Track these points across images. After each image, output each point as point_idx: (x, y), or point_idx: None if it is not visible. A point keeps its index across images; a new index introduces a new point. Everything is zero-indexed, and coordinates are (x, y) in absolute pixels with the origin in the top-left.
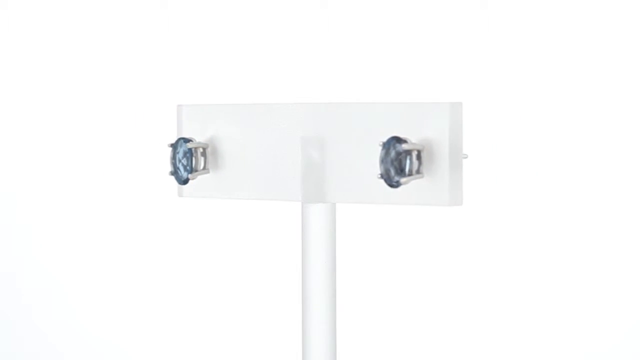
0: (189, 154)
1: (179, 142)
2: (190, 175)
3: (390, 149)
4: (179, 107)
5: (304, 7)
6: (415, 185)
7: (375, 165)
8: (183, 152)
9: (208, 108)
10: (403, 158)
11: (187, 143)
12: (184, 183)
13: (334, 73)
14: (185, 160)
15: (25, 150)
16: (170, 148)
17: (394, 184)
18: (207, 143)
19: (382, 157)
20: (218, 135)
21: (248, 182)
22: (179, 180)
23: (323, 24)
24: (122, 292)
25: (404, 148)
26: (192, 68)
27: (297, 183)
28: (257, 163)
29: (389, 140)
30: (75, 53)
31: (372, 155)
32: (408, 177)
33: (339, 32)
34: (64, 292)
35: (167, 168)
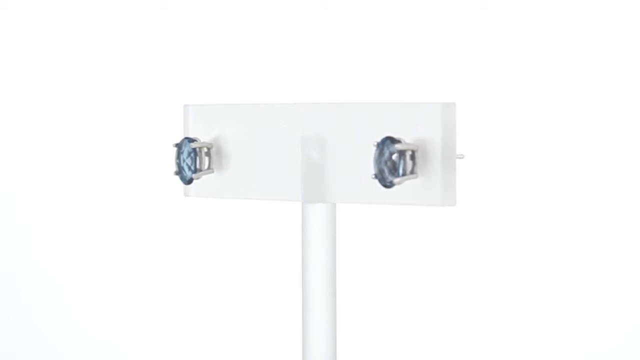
0: (193, 154)
1: (184, 141)
2: (194, 175)
3: (384, 149)
4: (186, 106)
5: (304, 7)
6: (410, 186)
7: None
8: (187, 152)
9: (214, 108)
10: (396, 158)
11: (191, 143)
12: (188, 183)
13: (334, 73)
14: (190, 160)
15: (28, 150)
16: (175, 148)
17: (388, 184)
18: (211, 143)
19: (376, 157)
20: (222, 135)
21: (250, 182)
22: (184, 180)
23: (323, 24)
24: (121, 291)
25: (397, 148)
26: (192, 68)
27: (297, 183)
28: (259, 163)
29: (383, 141)
30: (78, 53)
31: (371, 156)
32: (402, 177)
33: (339, 32)
34: (64, 292)
35: (173, 168)
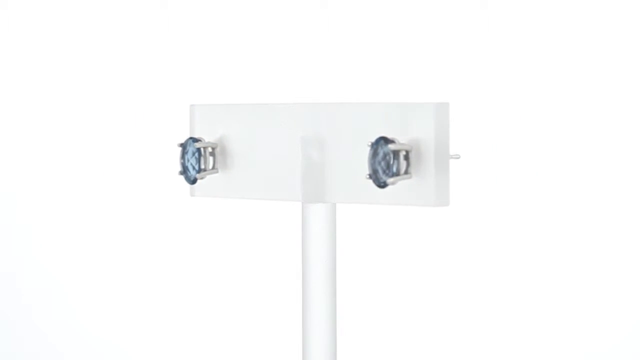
0: (198, 154)
1: (188, 141)
2: (198, 175)
3: (378, 149)
4: (192, 106)
5: (304, 7)
6: (404, 186)
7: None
8: (192, 151)
9: (220, 108)
10: (390, 158)
11: (195, 143)
12: (193, 183)
13: (335, 73)
14: (194, 160)
15: (31, 150)
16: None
17: (382, 184)
18: (216, 143)
19: (370, 157)
20: (226, 135)
21: (253, 182)
22: (188, 180)
23: (323, 24)
24: (121, 291)
25: (391, 148)
26: (192, 68)
27: (298, 183)
28: (262, 163)
29: (377, 141)
30: (81, 53)
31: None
32: (395, 177)
33: (339, 32)
34: (64, 292)
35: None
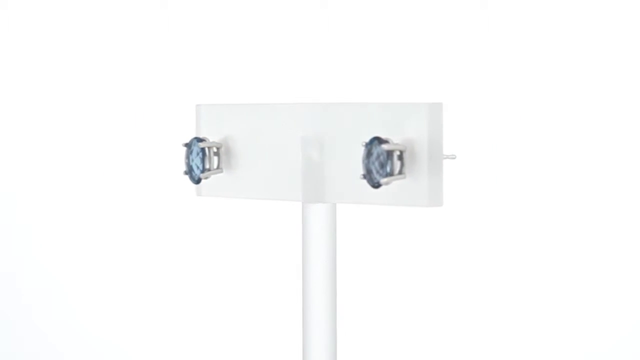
0: (202, 154)
1: (193, 141)
2: (202, 175)
3: (372, 149)
4: (198, 106)
5: (304, 7)
6: (398, 186)
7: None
8: (196, 151)
9: (225, 108)
10: (384, 159)
11: (200, 142)
12: (197, 182)
13: (335, 73)
14: (198, 160)
15: (34, 150)
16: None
17: (375, 185)
18: (220, 142)
19: (364, 157)
20: (231, 135)
21: (255, 182)
22: (192, 180)
23: (323, 24)
24: (120, 290)
25: (384, 148)
26: (192, 68)
27: (299, 183)
28: (264, 163)
29: (371, 141)
30: (83, 53)
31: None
32: (389, 177)
33: (339, 32)
34: (64, 292)
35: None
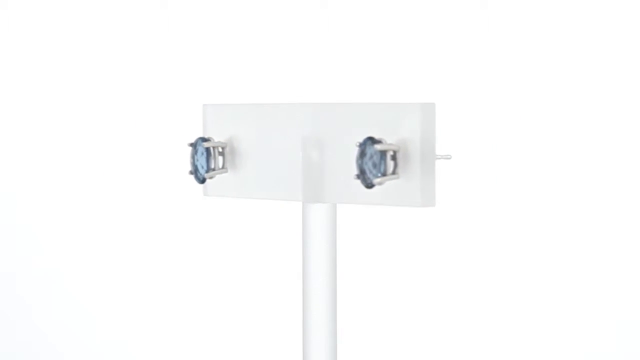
0: (206, 154)
1: (197, 141)
2: (207, 175)
3: (366, 150)
4: (205, 106)
5: (304, 7)
6: (392, 186)
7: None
8: (201, 151)
9: (231, 108)
10: (377, 159)
11: (204, 142)
12: (202, 182)
13: (335, 73)
14: (203, 160)
15: (37, 150)
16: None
17: (369, 185)
18: (225, 142)
19: (357, 157)
20: (236, 135)
21: (258, 182)
22: (197, 180)
23: (323, 24)
24: (121, 288)
25: (377, 149)
26: (191, 68)
27: (299, 183)
28: (267, 163)
29: (365, 141)
30: (87, 53)
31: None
32: (382, 177)
33: (340, 32)
34: (66, 292)
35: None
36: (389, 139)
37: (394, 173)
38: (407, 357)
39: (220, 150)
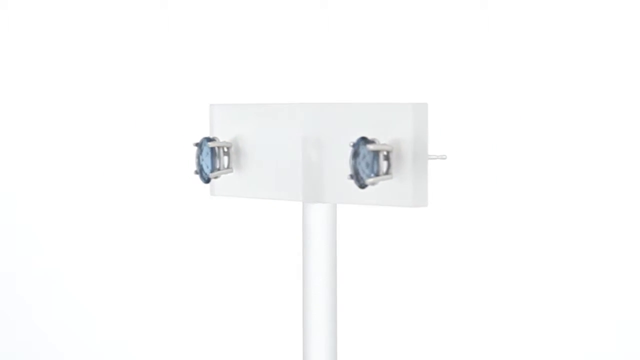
0: (212, 154)
1: (203, 141)
2: (212, 174)
3: (359, 150)
4: (211, 106)
5: (304, 7)
6: (385, 186)
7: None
8: (206, 151)
9: (238, 107)
10: (370, 159)
11: (209, 142)
12: (207, 182)
13: (335, 73)
14: (208, 160)
15: (40, 150)
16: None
17: (362, 185)
18: (230, 142)
19: (350, 157)
20: (241, 135)
21: (261, 181)
22: (202, 179)
23: (323, 24)
24: (119, 290)
25: (370, 149)
26: (191, 68)
27: (300, 183)
28: (269, 163)
29: (358, 141)
30: (94, 53)
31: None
32: (375, 177)
33: (340, 32)
34: (64, 292)
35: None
36: (384, 139)
37: (387, 173)
38: (407, 357)
39: (226, 150)
